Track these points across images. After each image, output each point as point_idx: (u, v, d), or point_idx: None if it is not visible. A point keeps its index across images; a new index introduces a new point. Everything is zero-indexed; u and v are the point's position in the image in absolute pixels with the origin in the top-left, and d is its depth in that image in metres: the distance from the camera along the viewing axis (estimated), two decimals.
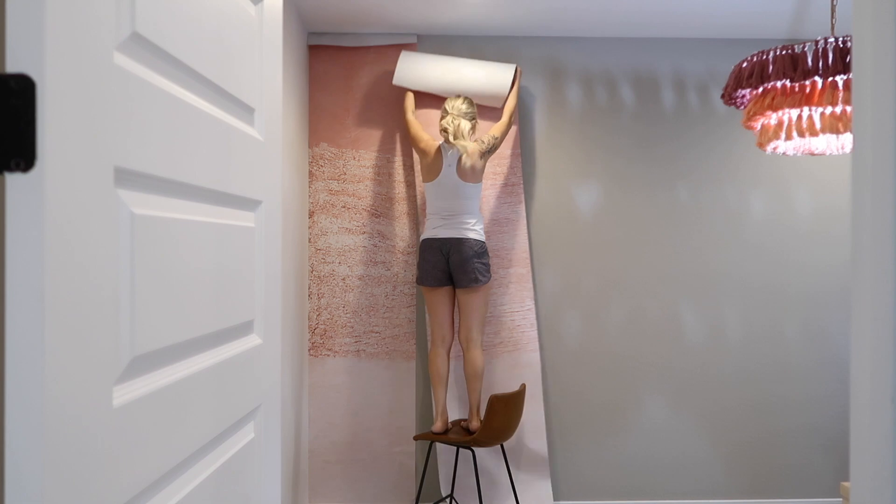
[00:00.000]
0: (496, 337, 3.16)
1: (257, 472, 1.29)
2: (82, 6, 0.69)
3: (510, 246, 3.18)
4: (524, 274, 3.18)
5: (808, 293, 3.25)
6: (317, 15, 2.97)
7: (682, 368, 3.24)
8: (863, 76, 0.76)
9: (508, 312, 3.17)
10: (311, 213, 3.21)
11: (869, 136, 0.74)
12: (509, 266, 3.18)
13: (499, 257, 3.17)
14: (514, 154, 3.20)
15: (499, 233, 3.18)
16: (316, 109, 3.21)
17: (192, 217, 0.98)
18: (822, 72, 1.94)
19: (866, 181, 0.75)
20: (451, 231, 2.81)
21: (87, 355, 0.70)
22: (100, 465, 0.72)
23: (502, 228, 3.19)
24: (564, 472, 3.21)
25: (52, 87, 0.64)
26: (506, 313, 3.17)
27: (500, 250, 3.17)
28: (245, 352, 1.20)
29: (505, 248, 3.18)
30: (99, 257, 0.72)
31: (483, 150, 2.84)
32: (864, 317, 0.75)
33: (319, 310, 3.18)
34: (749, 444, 3.24)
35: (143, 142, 0.82)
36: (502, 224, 3.19)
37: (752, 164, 3.26)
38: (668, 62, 3.26)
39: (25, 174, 0.62)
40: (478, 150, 2.83)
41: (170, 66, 0.91)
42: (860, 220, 0.76)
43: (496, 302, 3.16)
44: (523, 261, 3.18)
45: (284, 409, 2.70)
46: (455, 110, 2.84)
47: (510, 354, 3.16)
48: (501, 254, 3.18)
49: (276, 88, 1.37)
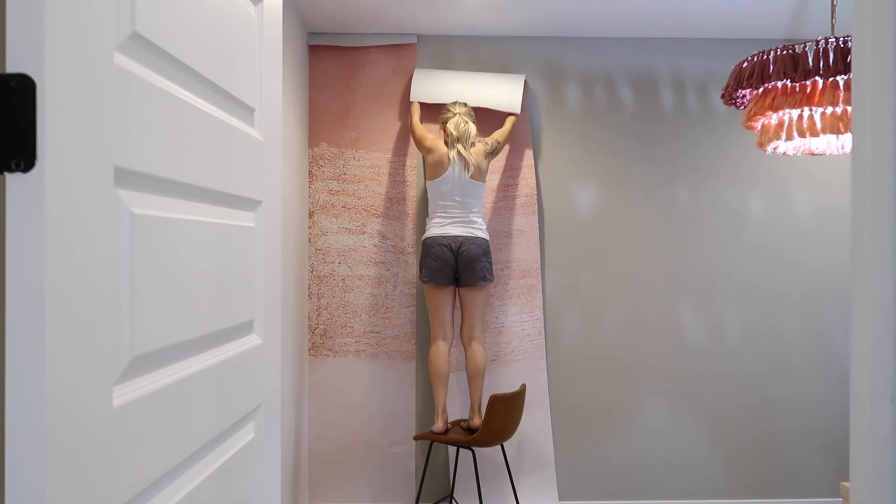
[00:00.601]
0: (507, 346, 3.17)
1: (257, 472, 1.29)
2: (82, 6, 0.69)
3: (521, 257, 3.19)
4: (534, 284, 3.19)
5: (808, 293, 3.25)
6: (317, 15, 2.97)
7: (682, 368, 3.24)
8: (863, 76, 0.76)
9: (518, 322, 3.18)
10: (311, 213, 3.21)
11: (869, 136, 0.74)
12: (521, 277, 3.19)
13: (510, 268, 3.17)
14: (528, 165, 3.20)
15: (511, 245, 3.19)
16: (316, 109, 3.21)
17: (192, 217, 0.98)
18: (823, 72, 1.94)
19: (866, 181, 0.75)
20: (460, 230, 2.82)
21: (87, 355, 0.70)
22: (100, 465, 0.72)
23: (513, 240, 3.19)
24: (564, 473, 3.21)
25: (52, 87, 0.64)
26: (516, 323, 3.18)
27: (511, 261, 3.18)
28: (245, 352, 1.20)
29: (516, 258, 3.19)
30: (99, 257, 0.72)
31: (487, 150, 2.88)
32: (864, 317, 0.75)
33: (319, 310, 3.18)
34: (749, 444, 3.24)
35: (143, 142, 0.82)
36: (514, 235, 3.19)
37: (751, 164, 3.26)
38: (667, 62, 3.26)
39: (25, 174, 0.62)
40: (482, 150, 2.87)
41: (170, 66, 0.91)
42: (860, 220, 0.76)
43: (507, 312, 3.17)
44: (534, 271, 3.19)
45: (284, 409, 2.70)
46: (459, 108, 2.89)
47: (520, 363, 3.17)
48: (513, 265, 3.18)
49: (276, 88, 1.37)
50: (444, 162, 2.83)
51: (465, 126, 2.82)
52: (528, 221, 3.19)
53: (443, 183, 2.84)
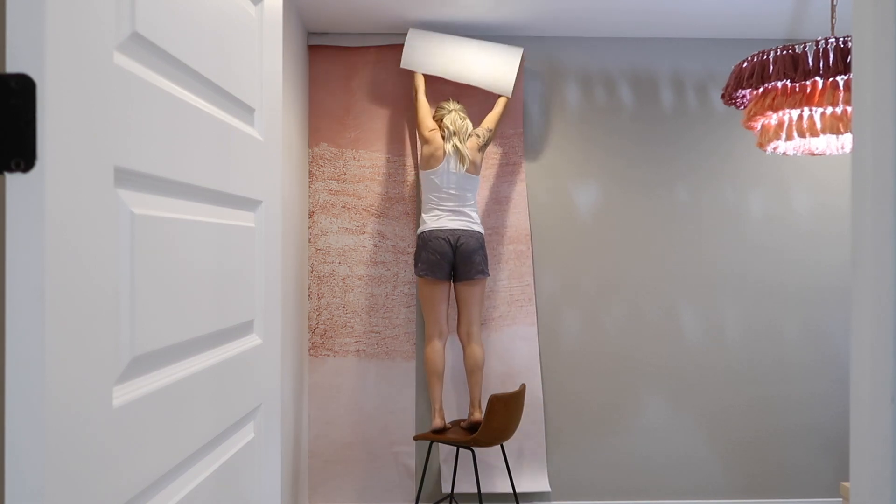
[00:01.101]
0: (494, 311, 3.18)
1: (257, 472, 1.29)
2: (82, 6, 0.69)
3: (510, 224, 3.20)
4: (524, 251, 3.20)
5: (808, 293, 3.25)
6: (317, 15, 2.97)
7: (682, 368, 3.24)
8: (863, 76, 0.76)
9: (507, 287, 3.19)
10: (311, 213, 3.21)
11: (869, 136, 0.74)
12: (509, 243, 3.20)
13: (498, 234, 3.19)
14: (517, 133, 3.21)
15: (498, 211, 3.20)
16: (316, 109, 3.21)
17: (192, 217, 0.98)
18: (823, 72, 1.94)
19: (866, 181, 0.75)
20: (458, 223, 2.83)
21: (88, 355, 0.70)
22: (100, 465, 0.72)
23: (502, 207, 3.21)
24: (564, 472, 3.21)
25: (52, 87, 0.64)
26: (504, 288, 3.19)
27: (499, 227, 3.19)
28: (245, 352, 1.20)
29: (504, 225, 3.20)
30: (99, 257, 0.72)
31: (481, 143, 2.91)
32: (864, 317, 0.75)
33: (319, 310, 3.18)
34: (748, 443, 3.24)
35: (143, 142, 0.82)
36: (502, 203, 3.21)
37: (751, 164, 3.26)
38: (667, 62, 3.26)
39: (25, 174, 0.62)
40: (476, 144, 2.89)
41: (170, 66, 0.91)
42: (860, 220, 0.76)
43: (495, 277, 3.19)
44: (523, 238, 3.20)
45: (284, 409, 2.70)
46: (454, 105, 2.94)
47: (508, 328, 3.19)
48: (500, 231, 3.20)
49: (276, 88, 1.37)
50: (439, 154, 2.84)
51: (461, 122, 2.87)
52: (516, 189, 3.20)
53: (436, 175, 2.85)
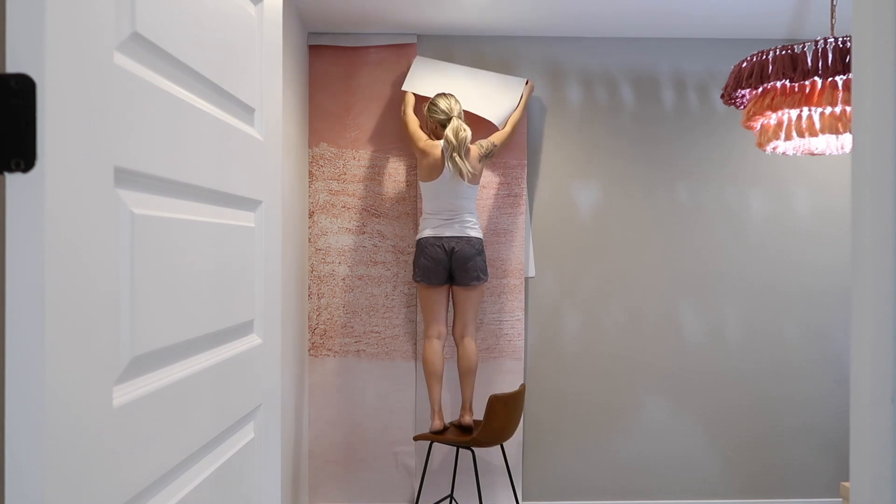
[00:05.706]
0: (482, 343, 3.16)
1: (257, 472, 1.29)
2: (82, 6, 0.69)
3: (507, 257, 3.18)
4: (517, 285, 3.19)
5: (808, 293, 3.25)
6: (317, 15, 2.97)
7: (682, 368, 3.24)
8: (863, 76, 0.76)
9: (497, 322, 3.18)
10: (311, 213, 3.21)
11: (869, 136, 0.74)
12: (504, 276, 3.18)
13: (494, 267, 3.17)
14: (520, 164, 3.19)
15: (497, 243, 3.18)
16: (316, 109, 3.21)
17: (193, 217, 0.98)
18: (822, 72, 1.94)
19: (866, 181, 0.75)
20: (453, 230, 2.82)
21: (88, 355, 0.70)
22: (100, 464, 0.72)
23: (500, 239, 3.19)
24: (563, 473, 3.21)
25: (52, 87, 0.64)
26: (494, 322, 3.18)
27: (495, 260, 3.17)
28: (245, 352, 1.20)
29: (501, 258, 3.18)
30: (99, 257, 0.72)
31: (482, 154, 2.86)
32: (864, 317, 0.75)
33: (319, 310, 3.18)
34: (748, 443, 3.24)
35: (143, 142, 0.82)
36: (500, 234, 3.19)
37: (751, 165, 3.26)
38: (667, 62, 3.26)
39: (25, 174, 0.62)
40: (477, 154, 2.85)
41: (170, 66, 0.91)
42: (860, 220, 0.76)
43: (490, 310, 3.17)
44: (518, 272, 3.18)
45: (284, 409, 2.70)
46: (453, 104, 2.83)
47: (496, 361, 3.17)
48: (497, 264, 3.18)
49: (276, 88, 1.37)
50: (438, 167, 2.82)
51: (463, 134, 2.76)
52: (515, 221, 3.18)
53: (436, 186, 2.83)
